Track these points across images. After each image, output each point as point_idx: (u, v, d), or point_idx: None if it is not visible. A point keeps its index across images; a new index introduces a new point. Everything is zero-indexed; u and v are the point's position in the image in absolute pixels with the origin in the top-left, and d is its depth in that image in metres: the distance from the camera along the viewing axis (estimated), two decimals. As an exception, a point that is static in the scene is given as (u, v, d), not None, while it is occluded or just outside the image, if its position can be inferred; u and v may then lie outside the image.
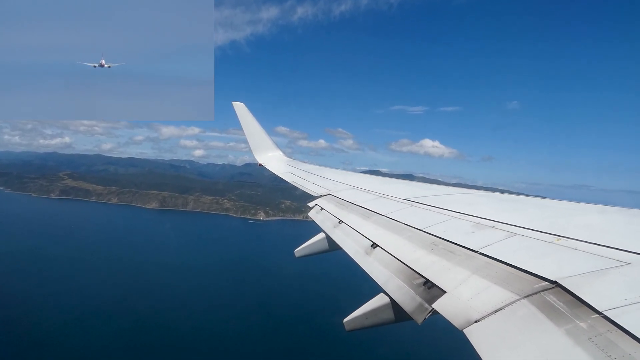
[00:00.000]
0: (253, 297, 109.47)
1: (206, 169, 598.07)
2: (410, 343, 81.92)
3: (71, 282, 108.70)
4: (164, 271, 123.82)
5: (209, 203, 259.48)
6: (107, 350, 76.60)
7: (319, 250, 7.71)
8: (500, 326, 2.65)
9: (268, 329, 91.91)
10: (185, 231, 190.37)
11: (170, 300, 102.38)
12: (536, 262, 3.27)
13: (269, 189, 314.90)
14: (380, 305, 4.25)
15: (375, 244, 5.16)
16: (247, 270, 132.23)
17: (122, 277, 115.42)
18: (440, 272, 3.77)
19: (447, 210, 5.68)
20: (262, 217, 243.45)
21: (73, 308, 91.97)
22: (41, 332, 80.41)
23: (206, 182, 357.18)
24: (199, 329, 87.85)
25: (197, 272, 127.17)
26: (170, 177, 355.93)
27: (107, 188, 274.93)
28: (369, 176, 11.42)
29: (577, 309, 2.43)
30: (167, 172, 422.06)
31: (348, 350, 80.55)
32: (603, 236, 3.54)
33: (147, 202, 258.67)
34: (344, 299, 62.52)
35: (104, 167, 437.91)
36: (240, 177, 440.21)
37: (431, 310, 3.35)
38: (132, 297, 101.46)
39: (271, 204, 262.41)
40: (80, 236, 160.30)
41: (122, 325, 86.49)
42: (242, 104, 15.76)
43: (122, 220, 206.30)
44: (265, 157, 15.63)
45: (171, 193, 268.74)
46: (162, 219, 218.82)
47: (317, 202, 8.71)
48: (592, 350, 2.07)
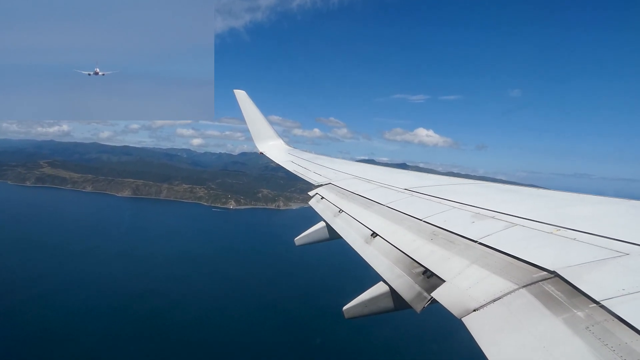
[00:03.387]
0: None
1: (202, 158, 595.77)
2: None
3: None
4: (91, 257, 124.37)
5: (183, 191, 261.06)
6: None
7: (319, 239, 7.75)
8: (499, 315, 2.68)
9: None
10: (139, 218, 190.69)
11: (95, 285, 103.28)
12: (535, 252, 3.29)
13: (254, 178, 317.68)
14: (380, 294, 4.29)
15: (375, 233, 5.19)
16: (178, 259, 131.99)
17: (47, 263, 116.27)
18: (440, 262, 3.80)
19: (447, 200, 5.69)
20: (232, 205, 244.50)
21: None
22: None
23: (193, 170, 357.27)
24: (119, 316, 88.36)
25: (132, 258, 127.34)
26: (157, 165, 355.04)
27: (83, 176, 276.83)
28: (370, 165, 11.41)
29: (575, 299, 2.46)
30: (159, 160, 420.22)
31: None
32: (602, 227, 3.55)
33: (120, 190, 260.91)
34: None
35: (97, 155, 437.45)
36: (233, 167, 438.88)
37: (430, 299, 3.39)
38: (49, 282, 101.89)
39: (248, 192, 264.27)
40: (25, 222, 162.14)
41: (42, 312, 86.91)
42: (244, 91, 15.58)
43: (81, 208, 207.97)
44: (266, 146, 15.56)
45: (146, 181, 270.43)
46: (125, 206, 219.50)
47: (317, 191, 8.72)
48: (589, 339, 2.10)
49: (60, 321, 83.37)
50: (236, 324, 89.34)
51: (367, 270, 4.63)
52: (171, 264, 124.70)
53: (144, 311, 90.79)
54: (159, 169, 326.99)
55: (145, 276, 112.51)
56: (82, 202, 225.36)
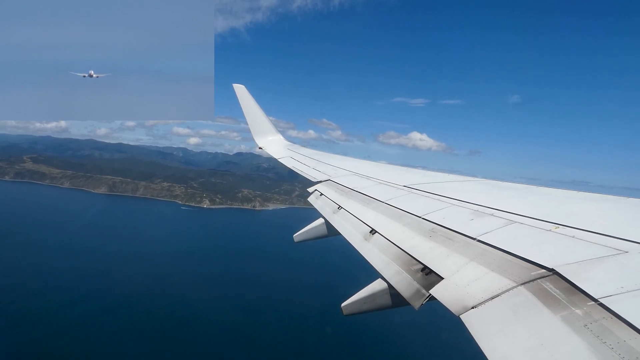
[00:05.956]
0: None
1: (197, 157, 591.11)
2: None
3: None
4: (31, 249, 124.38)
5: (160, 189, 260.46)
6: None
7: (317, 236, 7.75)
8: (497, 312, 2.68)
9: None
10: (101, 214, 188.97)
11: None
12: (534, 249, 3.29)
13: (241, 178, 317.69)
14: (378, 291, 4.29)
15: (374, 230, 5.18)
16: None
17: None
18: (439, 259, 3.79)
19: (446, 197, 5.68)
20: (205, 204, 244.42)
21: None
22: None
23: (182, 169, 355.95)
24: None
25: (67, 251, 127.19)
26: (146, 163, 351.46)
27: (62, 172, 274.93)
28: (369, 162, 11.38)
29: (573, 296, 2.46)
30: (151, 159, 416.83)
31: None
32: (601, 225, 3.55)
33: (96, 186, 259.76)
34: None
35: (90, 152, 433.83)
36: (225, 166, 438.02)
37: (428, 296, 3.39)
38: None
39: (229, 192, 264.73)
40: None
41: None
42: (243, 86, 15.47)
43: (46, 202, 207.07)
44: (266, 141, 15.48)
45: (123, 179, 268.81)
46: (92, 203, 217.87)
47: (316, 188, 8.69)
48: (587, 336, 2.09)
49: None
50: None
51: (365, 267, 4.64)
52: (105, 259, 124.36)
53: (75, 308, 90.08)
54: (147, 167, 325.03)
55: (70, 270, 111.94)
56: (51, 197, 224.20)
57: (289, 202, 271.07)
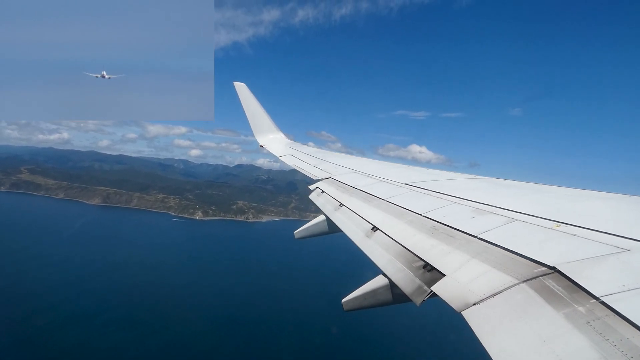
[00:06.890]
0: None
1: (197, 169, 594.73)
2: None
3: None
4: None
5: (154, 201, 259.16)
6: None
7: (318, 232, 7.76)
8: (499, 309, 2.68)
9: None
10: (90, 225, 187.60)
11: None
12: (535, 247, 3.29)
13: (238, 189, 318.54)
14: (379, 287, 4.29)
15: (375, 227, 5.18)
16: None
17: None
18: (440, 256, 3.80)
19: (448, 195, 5.69)
20: (198, 216, 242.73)
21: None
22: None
23: (180, 181, 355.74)
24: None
25: (46, 262, 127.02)
26: (145, 175, 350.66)
27: (58, 183, 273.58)
28: (370, 160, 11.38)
29: (575, 294, 2.46)
30: (151, 170, 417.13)
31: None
32: (603, 223, 3.55)
33: (90, 197, 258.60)
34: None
35: (91, 163, 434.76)
36: (224, 178, 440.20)
37: (430, 293, 3.39)
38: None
39: (223, 204, 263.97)
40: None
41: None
42: (244, 84, 15.43)
43: (37, 213, 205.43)
44: (267, 139, 15.47)
45: (118, 190, 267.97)
46: (83, 213, 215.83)
47: (318, 185, 8.71)
48: (590, 333, 2.10)
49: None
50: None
51: (366, 264, 4.64)
52: (83, 268, 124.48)
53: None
54: (145, 178, 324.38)
55: (45, 279, 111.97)
56: (40, 207, 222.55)
57: (283, 214, 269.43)
